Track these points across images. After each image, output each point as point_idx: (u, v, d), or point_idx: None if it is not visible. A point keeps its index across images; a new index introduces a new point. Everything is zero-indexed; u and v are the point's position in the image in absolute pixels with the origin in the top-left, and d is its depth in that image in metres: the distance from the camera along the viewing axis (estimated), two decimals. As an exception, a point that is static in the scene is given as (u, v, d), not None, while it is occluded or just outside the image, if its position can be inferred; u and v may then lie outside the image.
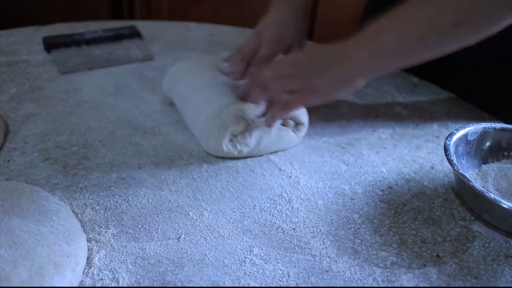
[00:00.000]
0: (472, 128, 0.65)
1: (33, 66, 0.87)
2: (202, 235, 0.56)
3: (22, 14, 1.70)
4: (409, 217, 0.60)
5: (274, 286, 0.50)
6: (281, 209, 0.60)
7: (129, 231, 0.55)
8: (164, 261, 0.52)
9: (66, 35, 0.95)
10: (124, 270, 0.51)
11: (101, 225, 0.56)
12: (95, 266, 0.51)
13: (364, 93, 0.85)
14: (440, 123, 0.79)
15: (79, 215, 0.57)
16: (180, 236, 0.55)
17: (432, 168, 0.69)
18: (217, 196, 0.62)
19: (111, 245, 0.54)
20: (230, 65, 0.75)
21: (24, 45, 0.94)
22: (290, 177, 0.66)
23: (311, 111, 0.80)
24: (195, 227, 0.57)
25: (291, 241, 0.56)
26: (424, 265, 0.54)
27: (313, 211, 0.60)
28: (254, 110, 0.67)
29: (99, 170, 0.64)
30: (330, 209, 0.61)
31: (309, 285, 0.50)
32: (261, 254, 0.54)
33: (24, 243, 0.47)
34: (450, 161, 0.59)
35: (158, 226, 0.56)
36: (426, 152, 0.72)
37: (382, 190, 0.64)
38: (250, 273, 0.51)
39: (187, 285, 0.49)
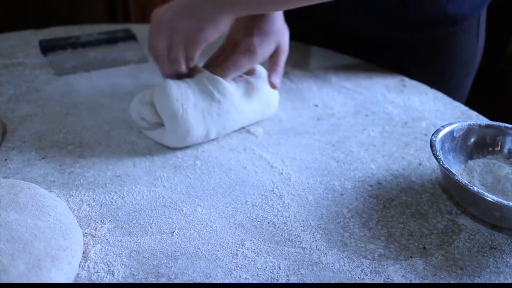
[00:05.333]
0: (457, 125, 0.67)
1: (30, 69, 0.89)
2: (195, 230, 0.57)
3: (19, 18, 1.72)
4: (397, 211, 0.62)
5: (267, 282, 0.52)
6: (273, 204, 0.62)
7: (124, 226, 0.57)
8: (158, 254, 0.54)
9: (62, 38, 0.97)
10: (119, 263, 0.52)
11: (96, 221, 0.57)
12: (91, 259, 0.52)
13: (355, 93, 0.87)
14: (428, 122, 0.81)
15: (75, 211, 0.58)
16: (174, 231, 0.57)
17: (420, 164, 0.71)
18: (210, 192, 0.63)
19: (107, 239, 0.55)
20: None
21: (21, 48, 0.96)
22: (281, 173, 0.67)
23: (301, 110, 0.82)
24: (189, 222, 0.58)
25: (282, 235, 0.57)
26: (411, 257, 0.55)
27: (304, 206, 0.62)
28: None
29: (95, 168, 0.66)
30: (320, 204, 0.62)
31: (299, 277, 0.52)
32: (253, 247, 0.55)
33: (21, 237, 0.49)
34: (435, 156, 0.61)
35: (153, 221, 0.58)
36: (414, 149, 0.74)
37: (371, 186, 0.66)
38: (241, 265, 0.53)
39: (181, 277, 0.51)
